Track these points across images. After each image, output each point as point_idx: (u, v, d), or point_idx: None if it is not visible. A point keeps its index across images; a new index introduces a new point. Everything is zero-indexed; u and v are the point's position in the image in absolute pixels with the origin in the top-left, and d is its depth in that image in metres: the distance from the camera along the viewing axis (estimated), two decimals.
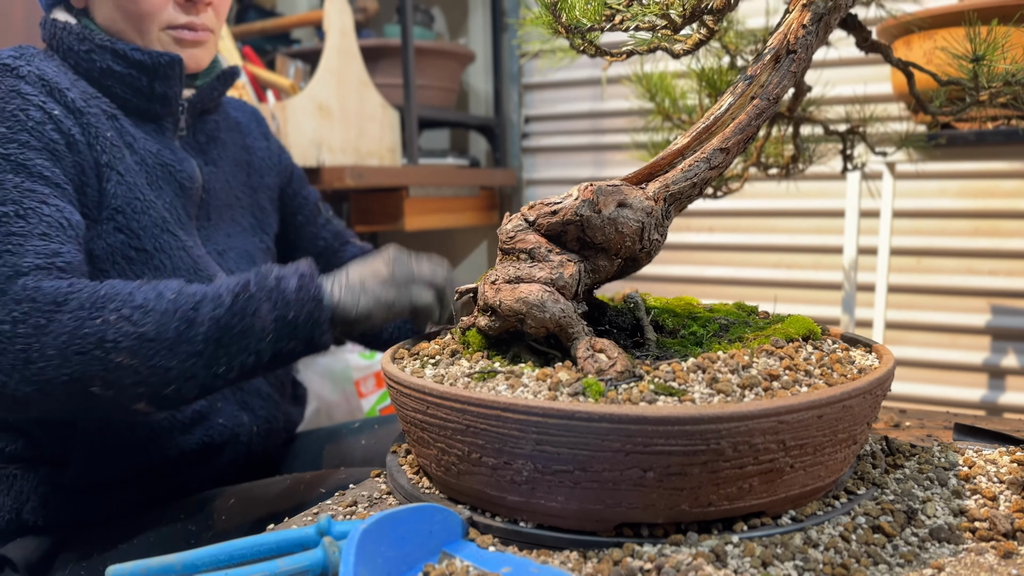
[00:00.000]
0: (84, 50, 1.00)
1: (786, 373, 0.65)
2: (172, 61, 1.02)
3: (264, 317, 0.83)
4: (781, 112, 1.11)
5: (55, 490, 0.95)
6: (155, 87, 1.02)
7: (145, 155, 1.01)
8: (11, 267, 0.81)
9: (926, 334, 2.27)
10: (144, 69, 1.01)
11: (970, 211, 2.20)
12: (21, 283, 0.80)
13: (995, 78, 0.91)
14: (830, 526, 0.62)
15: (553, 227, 0.71)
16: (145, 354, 0.79)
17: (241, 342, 0.82)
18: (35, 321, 0.78)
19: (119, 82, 1.01)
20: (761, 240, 2.47)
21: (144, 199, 0.98)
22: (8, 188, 0.85)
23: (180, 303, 0.81)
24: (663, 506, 0.59)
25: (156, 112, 1.04)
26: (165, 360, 0.80)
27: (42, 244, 0.84)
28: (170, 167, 1.03)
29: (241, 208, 1.16)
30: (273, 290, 0.84)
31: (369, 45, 2.41)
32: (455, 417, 0.62)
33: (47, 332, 0.78)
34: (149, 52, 1.01)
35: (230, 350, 0.82)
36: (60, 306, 0.79)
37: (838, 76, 2.12)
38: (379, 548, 0.56)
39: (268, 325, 0.83)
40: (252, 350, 0.83)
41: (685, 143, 0.74)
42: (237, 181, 1.17)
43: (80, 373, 0.78)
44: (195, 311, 0.81)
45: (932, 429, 0.95)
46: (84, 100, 0.96)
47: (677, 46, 0.82)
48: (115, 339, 0.78)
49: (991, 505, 0.67)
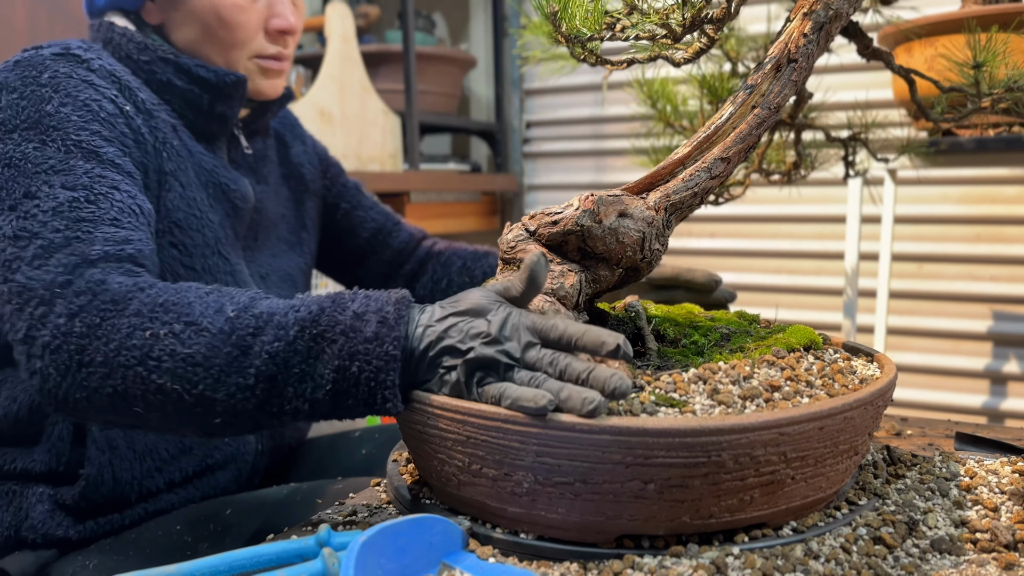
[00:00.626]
0: (144, 60, 0.97)
1: (787, 384, 0.65)
2: (238, 82, 1.00)
3: (328, 363, 0.66)
4: (783, 119, 1.11)
5: (55, 508, 0.94)
6: (216, 106, 1.00)
7: (200, 171, 0.99)
8: (79, 256, 0.75)
9: (928, 340, 2.27)
10: (207, 87, 0.99)
11: (972, 217, 2.20)
12: (88, 274, 0.74)
13: (996, 84, 0.91)
14: (831, 537, 0.62)
15: (554, 237, 0.71)
16: (189, 380, 0.67)
17: (299, 386, 0.66)
18: (90, 319, 0.71)
19: (178, 97, 0.99)
20: (763, 246, 2.48)
21: (201, 216, 0.96)
22: (78, 174, 0.82)
23: (239, 325, 0.68)
24: (664, 518, 0.59)
25: (213, 131, 1.02)
26: (210, 390, 0.67)
27: (112, 231, 0.79)
28: (224, 186, 1.01)
29: (287, 224, 1.15)
30: (345, 332, 0.66)
31: (371, 51, 2.42)
32: (455, 428, 0.61)
33: (99, 335, 0.70)
34: (215, 70, 0.99)
35: (285, 392, 0.67)
36: (119, 307, 0.71)
37: (839, 82, 2.12)
38: (378, 560, 0.56)
39: (328, 374, 0.66)
40: (308, 397, 0.67)
41: (686, 152, 0.74)
42: (282, 197, 1.15)
43: (123, 389, 0.69)
44: (253, 338, 0.67)
45: (934, 438, 0.95)
46: (153, 104, 0.94)
47: (678, 54, 0.82)
48: (159, 357, 0.68)
49: (992, 516, 0.67)
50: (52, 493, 0.94)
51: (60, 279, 0.74)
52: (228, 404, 0.68)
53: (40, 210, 0.79)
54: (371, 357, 0.64)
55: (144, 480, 0.97)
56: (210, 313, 0.70)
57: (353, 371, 0.65)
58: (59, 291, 0.73)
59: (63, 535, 0.94)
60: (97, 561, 0.92)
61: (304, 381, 0.66)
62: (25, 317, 0.73)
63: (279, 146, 1.20)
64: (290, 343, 0.66)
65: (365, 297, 0.68)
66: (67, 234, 0.77)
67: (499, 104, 2.84)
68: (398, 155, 2.28)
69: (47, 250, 0.76)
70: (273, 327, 0.67)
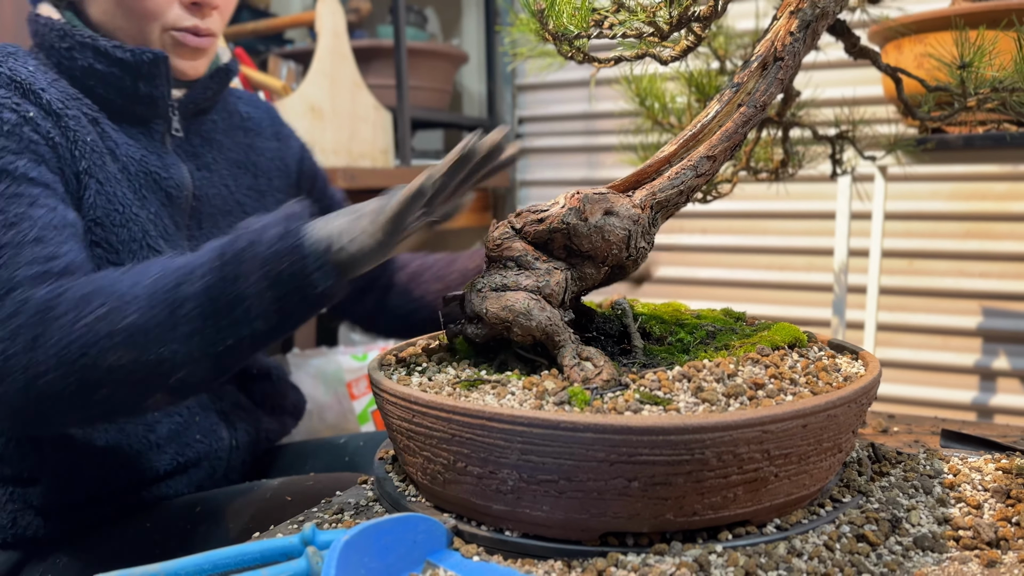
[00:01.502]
0: (65, 47, 0.94)
1: (771, 382, 0.65)
2: (156, 59, 0.96)
3: (250, 279, 0.72)
4: (770, 116, 1.11)
5: (24, 508, 0.93)
6: (139, 87, 0.96)
7: (128, 162, 0.96)
8: (5, 282, 0.77)
9: (917, 336, 2.28)
10: (127, 68, 0.95)
11: (962, 213, 2.21)
12: (12, 297, 0.76)
13: (982, 84, 0.91)
14: (814, 535, 0.62)
15: (540, 235, 0.71)
16: (139, 346, 0.72)
17: (236, 311, 0.73)
18: (28, 335, 0.74)
19: (101, 82, 0.95)
20: (753, 242, 2.48)
21: (124, 211, 0.93)
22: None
23: (161, 284, 0.74)
24: (648, 515, 0.59)
25: (142, 114, 0.99)
26: (161, 348, 0.72)
27: (37, 250, 0.79)
28: (155, 175, 0.98)
29: (244, 214, 1.10)
30: (253, 245, 0.73)
31: (362, 46, 2.41)
32: (440, 426, 0.62)
33: (40, 345, 0.73)
34: (132, 50, 0.95)
35: (227, 322, 0.73)
36: (47, 315, 0.74)
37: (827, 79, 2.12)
38: (362, 559, 0.56)
39: (258, 287, 0.72)
40: (252, 317, 0.73)
41: (672, 150, 0.74)
42: (240, 185, 1.11)
43: (83, 380, 0.73)
44: (177, 289, 0.73)
45: (920, 434, 0.96)
46: (63, 102, 0.91)
47: (665, 52, 0.82)
48: (103, 338, 0.72)
49: (975, 513, 0.67)
50: (21, 493, 0.93)
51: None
52: (182, 355, 0.73)
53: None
54: (287, 251, 0.72)
55: (110, 478, 0.95)
56: (133, 283, 0.75)
57: (274, 273, 0.72)
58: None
59: (32, 535, 0.93)
60: (67, 560, 0.92)
61: (237, 304, 0.73)
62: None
63: (249, 134, 1.15)
64: (213, 276, 0.73)
65: (258, 219, 0.76)
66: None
67: (491, 100, 2.83)
68: (389, 151, 2.28)
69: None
70: (189, 275, 0.74)
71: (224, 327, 0.73)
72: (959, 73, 0.91)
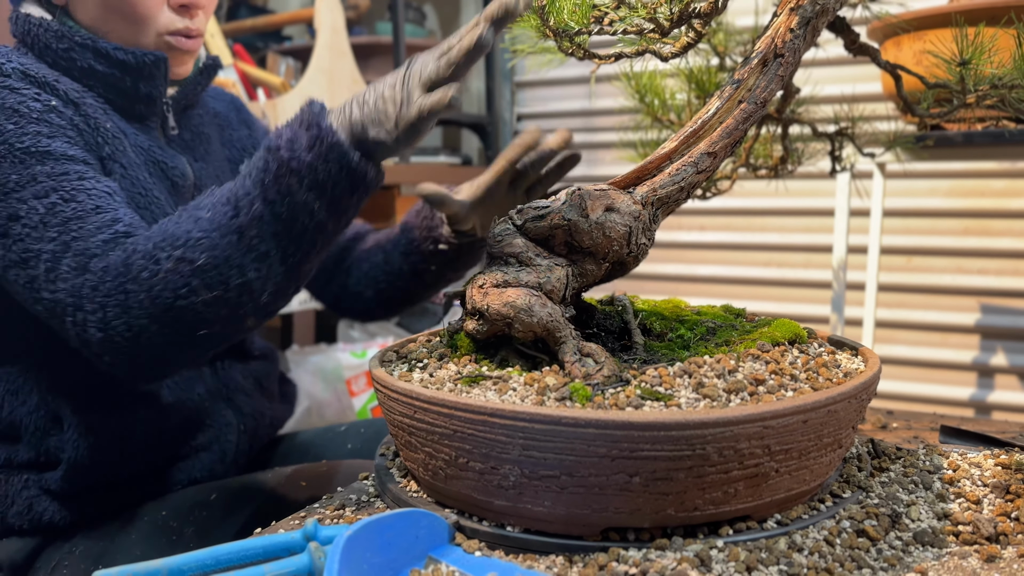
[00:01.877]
0: (63, 48, 0.95)
1: (772, 377, 0.65)
2: (158, 60, 0.98)
3: (298, 192, 0.76)
4: (770, 113, 1.11)
5: (40, 494, 0.95)
6: (140, 87, 0.98)
7: (139, 151, 0.98)
8: (82, 254, 0.80)
9: (916, 333, 2.28)
10: (128, 69, 0.96)
11: (960, 210, 2.21)
12: (92, 266, 0.79)
13: (982, 81, 0.91)
14: (815, 530, 0.62)
15: (540, 231, 0.71)
16: (218, 280, 0.77)
17: (297, 223, 0.77)
18: (116, 299, 0.78)
19: (101, 82, 0.97)
20: (752, 239, 2.48)
21: (147, 194, 0.96)
22: (43, 180, 0.83)
23: (218, 218, 0.78)
24: (649, 511, 0.59)
25: (141, 112, 1.01)
26: (240, 277, 0.77)
27: (99, 218, 0.83)
28: (162, 164, 1.00)
29: None
30: (290, 160, 0.76)
31: (360, 43, 2.41)
32: (442, 422, 0.62)
33: (130, 304, 0.77)
34: (132, 51, 0.96)
35: (292, 235, 0.78)
36: (127, 275, 0.78)
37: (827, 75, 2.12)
38: (364, 554, 0.56)
39: (307, 196, 0.76)
40: (312, 222, 0.78)
41: (672, 147, 0.74)
42: (224, 177, 1.14)
43: (180, 324, 0.78)
44: (235, 219, 0.77)
45: (919, 430, 0.96)
46: (77, 91, 0.93)
47: (665, 49, 0.82)
48: (184, 285, 0.77)
49: (975, 509, 0.67)
50: (37, 479, 0.94)
51: (76, 282, 0.80)
52: (261, 276, 0.78)
53: (29, 227, 0.82)
54: (323, 156, 0.76)
55: (126, 463, 0.97)
56: (190, 227, 0.78)
57: (322, 178, 0.76)
58: (80, 293, 0.79)
59: (49, 521, 0.94)
60: (84, 547, 0.92)
61: (297, 216, 0.77)
62: (68, 327, 0.81)
63: (221, 128, 1.17)
64: (263, 199, 0.76)
65: (285, 127, 0.78)
66: (63, 239, 0.81)
67: (490, 96, 2.83)
68: None
69: (54, 261, 0.81)
70: (243, 199, 0.77)
71: (292, 238, 0.78)
72: (958, 70, 0.91)
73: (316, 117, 0.77)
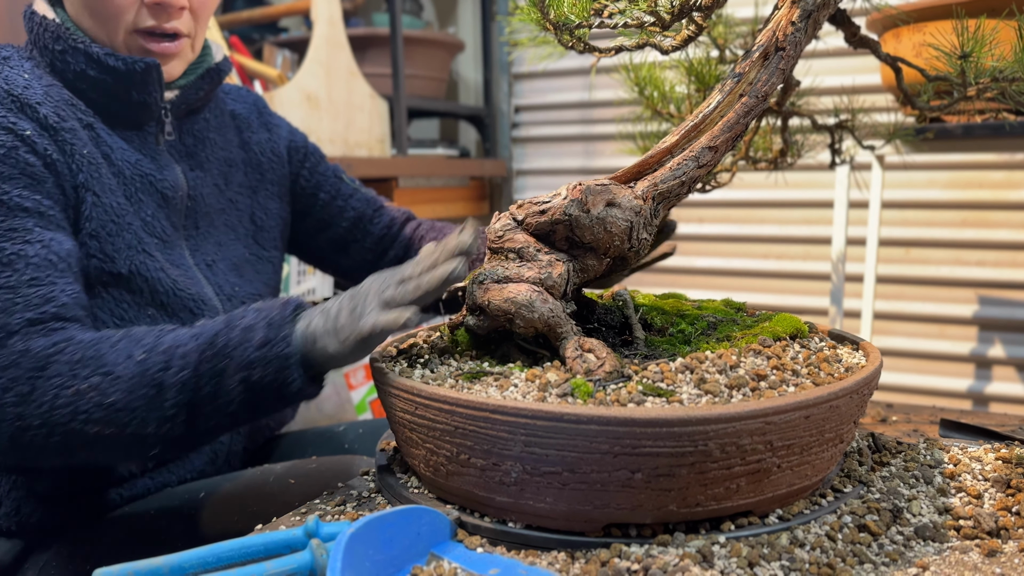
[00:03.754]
0: (59, 50, 0.93)
1: (773, 373, 0.65)
2: (149, 68, 0.95)
3: (229, 379, 0.74)
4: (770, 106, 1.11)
5: (27, 496, 0.94)
6: (132, 95, 0.95)
7: (123, 166, 0.95)
8: (2, 328, 0.77)
9: (914, 324, 2.29)
10: (119, 76, 0.94)
11: (958, 202, 2.21)
12: (10, 345, 0.77)
13: (982, 74, 0.91)
14: (816, 525, 0.62)
15: (542, 226, 0.70)
16: (119, 423, 0.75)
17: (213, 404, 0.75)
18: (20, 389, 0.75)
19: (94, 87, 0.94)
20: (750, 231, 2.48)
21: (119, 220, 0.92)
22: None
23: (149, 365, 0.75)
24: (651, 507, 0.59)
25: (135, 118, 0.98)
26: (139, 428, 0.75)
27: (32, 292, 0.79)
28: (150, 177, 0.97)
29: (238, 212, 1.10)
30: (236, 347, 0.74)
31: (357, 34, 2.40)
32: (443, 418, 0.62)
33: (31, 400, 0.75)
34: (124, 59, 0.94)
35: (203, 412, 0.75)
36: (42, 372, 0.76)
37: (827, 67, 2.12)
38: (367, 551, 0.56)
39: (235, 387, 0.74)
40: (225, 412, 0.75)
41: (673, 141, 0.73)
42: (232, 182, 1.10)
43: (66, 441, 0.76)
44: (163, 373, 0.75)
45: (918, 424, 0.96)
46: (59, 114, 0.89)
47: (666, 42, 0.82)
48: (88, 410, 0.75)
49: (976, 503, 0.67)
50: (24, 481, 0.94)
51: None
52: (158, 435, 0.76)
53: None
54: (266, 361, 0.73)
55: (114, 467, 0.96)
56: (122, 360, 0.76)
57: (255, 378, 0.73)
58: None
59: (37, 523, 0.94)
60: (72, 548, 0.92)
61: (217, 398, 0.75)
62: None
63: (239, 130, 1.14)
64: (195, 369, 0.74)
65: (255, 311, 0.77)
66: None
67: (488, 88, 2.82)
68: (386, 140, 2.27)
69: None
70: (178, 359, 0.75)
71: (204, 415, 0.76)
72: (959, 63, 0.91)
73: (282, 320, 0.75)
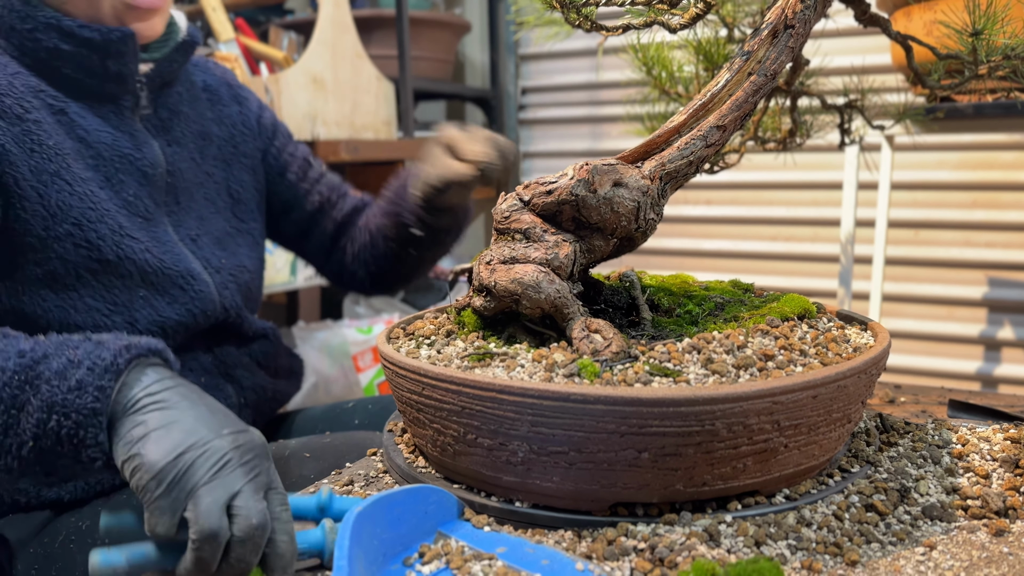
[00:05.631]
0: (27, 29, 0.91)
1: (781, 353, 0.65)
2: (124, 36, 0.93)
3: (30, 415, 0.61)
4: (778, 85, 1.10)
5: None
6: (108, 66, 0.94)
7: (101, 148, 0.94)
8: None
9: (923, 306, 2.28)
10: (94, 47, 0.92)
11: (968, 183, 2.20)
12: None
13: (994, 52, 0.90)
14: (823, 505, 0.62)
15: (548, 207, 0.70)
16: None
17: (3, 440, 0.62)
18: None
19: (68, 62, 0.93)
20: (759, 213, 2.47)
21: (97, 207, 0.92)
22: None
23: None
24: (658, 486, 0.59)
25: (112, 92, 0.97)
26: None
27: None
28: (129, 156, 0.97)
29: (215, 185, 1.10)
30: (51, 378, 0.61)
31: (363, 16, 2.39)
32: (451, 399, 0.62)
33: None
34: (99, 28, 0.92)
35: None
36: None
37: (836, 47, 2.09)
38: (374, 530, 0.56)
39: (30, 428, 0.61)
40: (14, 454, 0.62)
41: (681, 120, 0.73)
42: (207, 156, 1.10)
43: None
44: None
45: (927, 405, 0.96)
46: (22, 105, 0.88)
47: (674, 20, 0.81)
48: None
49: (984, 483, 0.67)
50: None
51: None
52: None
53: None
54: (70, 410, 0.59)
55: None
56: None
57: (52, 425, 0.60)
58: None
59: (55, 497, 0.95)
60: (91, 522, 0.93)
61: (7, 434, 0.62)
62: None
63: (211, 103, 1.14)
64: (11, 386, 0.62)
65: (95, 343, 0.63)
66: None
67: (494, 70, 2.81)
68: (392, 122, 2.26)
69: None
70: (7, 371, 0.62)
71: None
72: (970, 40, 0.90)
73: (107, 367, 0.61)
